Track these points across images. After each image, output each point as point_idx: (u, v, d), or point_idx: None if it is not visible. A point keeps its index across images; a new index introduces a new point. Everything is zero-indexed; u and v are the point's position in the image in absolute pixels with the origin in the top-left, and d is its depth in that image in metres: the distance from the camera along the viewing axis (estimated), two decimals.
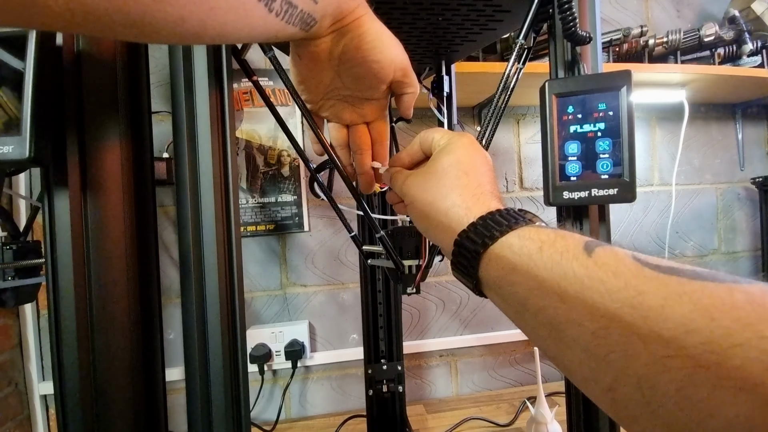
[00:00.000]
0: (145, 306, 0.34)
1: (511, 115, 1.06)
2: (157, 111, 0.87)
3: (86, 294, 0.31)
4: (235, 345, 0.35)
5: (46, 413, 0.86)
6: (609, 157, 0.36)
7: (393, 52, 0.31)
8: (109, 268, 0.32)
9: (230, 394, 0.34)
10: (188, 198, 0.33)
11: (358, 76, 0.31)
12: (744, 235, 1.19)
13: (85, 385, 0.31)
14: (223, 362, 0.33)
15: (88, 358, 0.31)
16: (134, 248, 0.33)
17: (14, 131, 0.28)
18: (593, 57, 0.39)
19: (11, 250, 0.53)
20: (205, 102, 0.33)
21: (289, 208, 0.94)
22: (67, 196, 0.30)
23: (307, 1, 0.24)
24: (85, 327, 0.31)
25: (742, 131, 1.17)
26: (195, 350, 0.33)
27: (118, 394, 0.32)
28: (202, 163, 0.33)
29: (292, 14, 0.23)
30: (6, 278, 0.53)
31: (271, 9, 0.22)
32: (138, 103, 0.34)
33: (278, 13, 0.22)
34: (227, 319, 0.34)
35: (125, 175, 0.33)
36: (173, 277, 0.89)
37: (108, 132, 0.32)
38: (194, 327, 0.33)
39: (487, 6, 0.43)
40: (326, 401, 0.98)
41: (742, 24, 0.94)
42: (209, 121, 0.33)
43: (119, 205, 0.32)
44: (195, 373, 0.33)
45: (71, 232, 0.30)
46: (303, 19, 0.24)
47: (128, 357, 0.32)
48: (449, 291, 1.03)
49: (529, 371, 1.07)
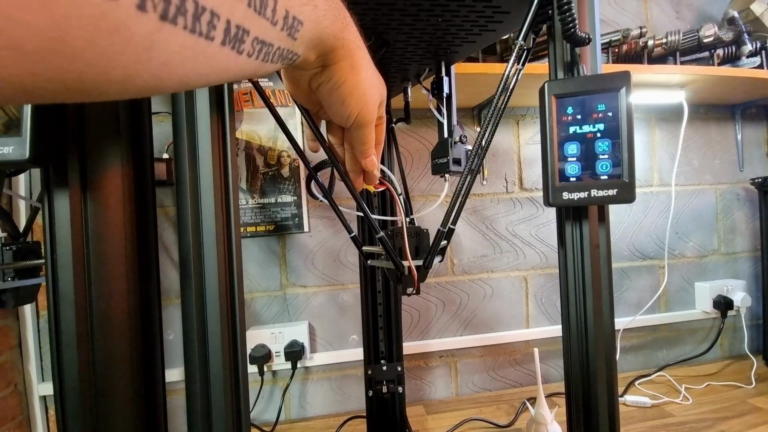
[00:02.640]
0: (144, 307, 0.34)
1: (510, 116, 1.06)
2: (157, 112, 0.87)
3: (86, 294, 0.31)
4: (235, 346, 0.35)
5: (46, 414, 0.86)
6: (608, 157, 0.36)
7: (360, 107, 0.32)
8: (109, 269, 0.32)
9: (230, 395, 0.34)
10: (188, 199, 0.33)
11: (329, 110, 0.33)
12: (743, 235, 1.19)
13: (84, 385, 0.31)
14: (223, 363, 0.33)
15: (88, 359, 0.31)
16: (134, 249, 0.33)
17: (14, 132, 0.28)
18: (592, 58, 0.39)
19: (11, 250, 0.53)
20: (205, 102, 0.33)
21: (289, 209, 0.94)
22: (67, 196, 0.30)
23: (284, 38, 0.22)
24: (84, 328, 0.31)
25: (742, 132, 1.17)
26: (195, 351, 0.33)
27: (118, 395, 0.32)
28: (202, 164, 0.33)
29: (267, 53, 0.21)
30: (6, 279, 0.53)
31: (241, 51, 0.19)
32: (138, 103, 0.34)
33: (250, 54, 0.20)
34: (227, 319, 0.34)
35: (125, 175, 0.33)
36: (173, 278, 0.89)
37: (108, 133, 0.32)
38: (194, 328, 0.33)
39: (487, 7, 0.43)
40: (326, 402, 0.98)
41: (742, 25, 0.94)
42: (209, 121, 0.33)
43: (119, 205, 0.32)
44: (195, 374, 0.33)
45: (71, 233, 0.30)
46: (283, 55, 0.23)
47: (128, 358, 0.32)
48: (449, 292, 1.03)
49: (528, 372, 1.07)
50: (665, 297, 1.14)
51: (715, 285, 1.12)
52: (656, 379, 1.04)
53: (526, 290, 1.06)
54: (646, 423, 0.84)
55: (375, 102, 0.33)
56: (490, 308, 1.05)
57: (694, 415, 0.86)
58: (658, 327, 1.13)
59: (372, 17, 0.44)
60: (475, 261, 1.04)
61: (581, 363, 0.40)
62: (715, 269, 1.17)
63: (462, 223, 1.03)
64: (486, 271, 1.04)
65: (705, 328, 1.16)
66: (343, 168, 0.40)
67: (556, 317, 1.08)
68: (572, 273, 0.40)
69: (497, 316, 1.05)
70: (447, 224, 0.47)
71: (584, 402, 0.40)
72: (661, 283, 1.12)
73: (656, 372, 1.06)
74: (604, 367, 0.39)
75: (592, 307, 0.39)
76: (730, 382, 0.99)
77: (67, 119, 0.30)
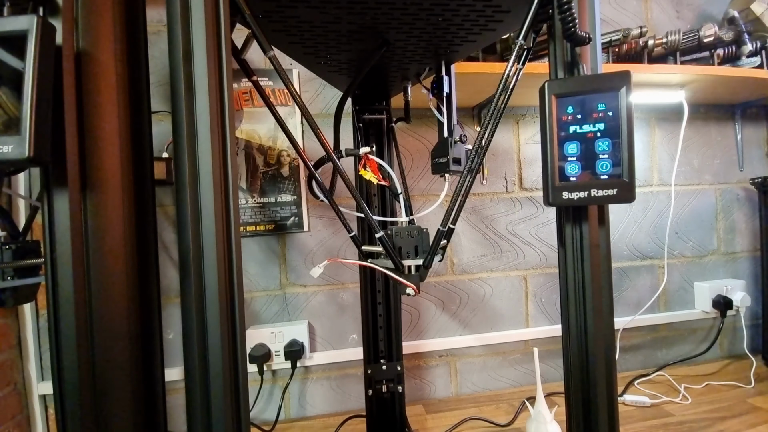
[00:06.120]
0: (144, 306, 0.34)
1: (510, 116, 1.06)
2: (156, 111, 0.87)
3: (85, 294, 0.31)
4: (235, 345, 0.35)
5: (45, 413, 0.86)
6: (608, 157, 0.36)
7: None
8: (108, 268, 0.32)
9: (230, 394, 0.34)
10: (188, 198, 0.33)
11: None
12: (743, 235, 1.19)
13: (84, 384, 0.31)
14: (222, 362, 0.33)
15: (88, 358, 0.31)
16: (134, 248, 0.33)
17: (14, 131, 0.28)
18: (593, 57, 0.39)
19: (10, 249, 0.53)
20: (205, 102, 0.33)
21: (289, 208, 0.94)
22: (67, 195, 0.30)
23: None
24: (84, 327, 0.31)
25: (742, 132, 1.17)
26: (194, 350, 0.33)
27: (118, 394, 0.32)
28: (201, 163, 0.33)
29: None
30: (5, 278, 0.53)
31: None
32: (138, 102, 0.34)
33: None
34: (227, 319, 0.34)
35: (125, 175, 0.33)
36: (173, 277, 0.89)
37: (107, 132, 0.32)
38: (194, 327, 0.33)
39: (487, 6, 0.43)
40: (326, 401, 0.98)
41: (742, 25, 0.94)
42: (209, 121, 0.33)
43: (119, 204, 0.32)
44: (194, 373, 0.33)
45: (71, 232, 0.30)
46: None
47: (128, 357, 0.32)
48: (449, 291, 1.03)
49: (528, 371, 1.07)
50: (665, 297, 1.14)
51: (714, 285, 1.12)
52: (655, 378, 1.04)
53: (525, 290, 1.06)
54: (645, 422, 0.84)
55: None
56: (489, 308, 1.05)
57: (693, 415, 0.86)
58: (658, 327, 1.13)
59: (372, 17, 0.44)
60: (475, 260, 1.04)
61: (581, 362, 0.40)
62: (714, 269, 1.17)
63: (462, 223, 1.03)
64: (486, 271, 1.04)
65: (704, 327, 1.16)
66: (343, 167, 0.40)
67: (555, 317, 1.08)
68: (572, 273, 0.40)
69: (497, 316, 1.05)
70: (447, 224, 0.47)
71: (584, 401, 0.40)
72: (660, 283, 1.12)
73: (656, 372, 1.06)
74: (603, 367, 0.39)
75: (591, 307, 0.39)
76: (730, 382, 0.99)
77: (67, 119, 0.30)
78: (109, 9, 0.32)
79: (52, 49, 0.29)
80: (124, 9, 0.32)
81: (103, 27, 0.31)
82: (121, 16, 0.32)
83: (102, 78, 0.31)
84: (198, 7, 0.32)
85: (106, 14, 0.31)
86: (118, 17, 0.32)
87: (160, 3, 0.83)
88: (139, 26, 0.34)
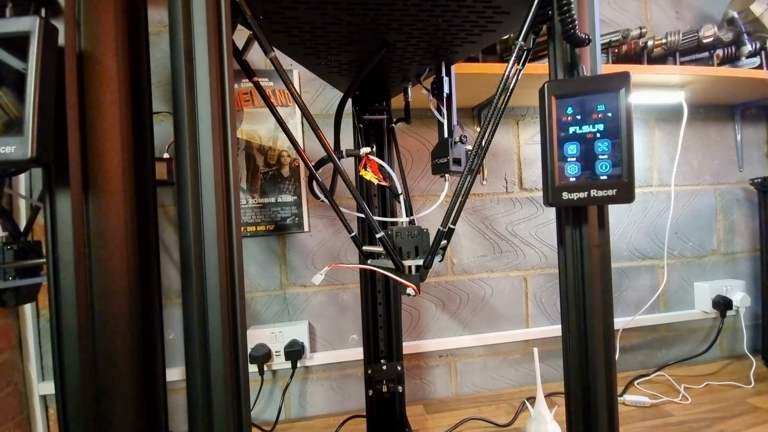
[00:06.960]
0: (145, 306, 0.34)
1: (510, 116, 1.06)
2: (157, 111, 0.87)
3: (87, 294, 0.31)
4: (236, 345, 0.35)
5: (46, 413, 0.86)
6: (608, 158, 0.36)
7: None
8: (110, 268, 0.32)
9: (230, 394, 0.34)
10: (189, 198, 0.33)
11: None
12: (743, 235, 1.19)
13: (86, 384, 0.31)
14: (223, 362, 0.34)
15: (89, 358, 0.31)
16: (135, 248, 0.33)
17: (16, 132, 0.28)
18: (592, 58, 0.39)
19: (12, 250, 0.53)
20: (206, 102, 0.33)
21: (289, 209, 0.94)
22: (69, 196, 0.30)
23: None
24: (85, 327, 0.31)
25: (741, 132, 1.17)
26: (195, 350, 0.33)
27: (119, 394, 0.32)
28: (203, 164, 0.33)
29: None
30: (6, 278, 0.53)
31: None
32: (139, 103, 0.34)
33: None
34: (228, 319, 0.34)
35: (126, 175, 0.33)
36: (173, 277, 0.89)
37: (109, 132, 0.32)
38: (195, 327, 0.33)
39: (487, 7, 0.43)
40: (326, 401, 0.98)
41: (741, 25, 0.94)
42: (210, 121, 0.33)
43: (120, 205, 0.32)
44: (195, 373, 0.33)
45: (72, 232, 0.30)
46: None
47: (129, 357, 0.33)
48: (449, 291, 1.03)
49: (528, 371, 1.07)
50: (664, 297, 1.14)
51: (714, 285, 1.12)
52: (655, 378, 1.04)
53: (525, 290, 1.07)
54: (645, 422, 0.84)
55: None
56: (489, 308, 1.05)
57: (693, 415, 0.86)
58: (658, 327, 1.13)
59: (372, 17, 0.44)
60: (475, 261, 1.04)
61: (581, 363, 0.40)
62: (714, 269, 1.17)
63: (462, 223, 1.03)
64: (486, 271, 1.04)
65: (704, 327, 1.16)
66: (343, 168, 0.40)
67: (555, 317, 1.08)
68: (572, 273, 0.40)
69: (497, 316, 1.05)
70: (447, 224, 0.47)
71: (584, 401, 0.40)
72: (660, 283, 1.12)
73: (655, 372, 1.06)
74: (603, 367, 0.39)
75: (591, 307, 0.39)
76: (729, 382, 0.99)
77: (69, 119, 0.30)
78: (111, 10, 0.32)
79: (55, 50, 0.29)
80: (125, 10, 0.32)
81: (105, 28, 0.32)
82: (122, 17, 0.32)
83: (104, 79, 0.32)
84: (199, 9, 0.32)
85: (107, 15, 0.32)
86: (119, 18, 0.32)
87: (162, 4, 0.84)
88: (140, 27, 0.34)
